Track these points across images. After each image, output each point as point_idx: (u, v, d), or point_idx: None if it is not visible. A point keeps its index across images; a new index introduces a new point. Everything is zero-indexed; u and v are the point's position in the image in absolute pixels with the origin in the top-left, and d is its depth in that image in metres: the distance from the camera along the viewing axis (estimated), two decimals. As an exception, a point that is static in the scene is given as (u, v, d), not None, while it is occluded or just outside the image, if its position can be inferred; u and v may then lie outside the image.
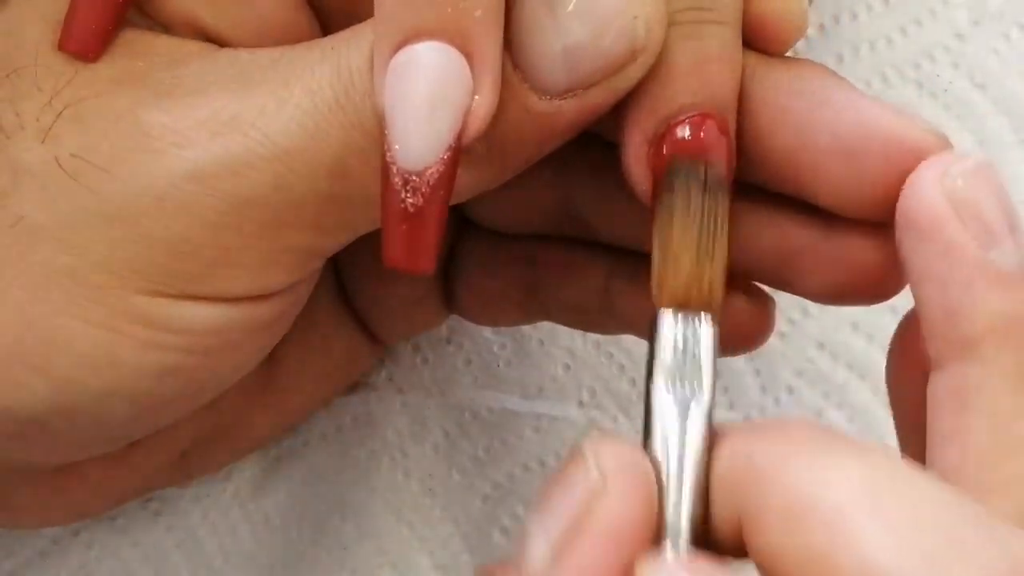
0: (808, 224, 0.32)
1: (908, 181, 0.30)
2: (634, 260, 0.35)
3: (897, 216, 0.30)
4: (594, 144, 0.33)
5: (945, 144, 0.31)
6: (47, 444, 0.32)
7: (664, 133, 0.31)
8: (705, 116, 0.30)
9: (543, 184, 0.35)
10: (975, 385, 0.29)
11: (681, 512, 0.29)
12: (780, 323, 0.34)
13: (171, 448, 0.37)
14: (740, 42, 0.31)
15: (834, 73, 0.31)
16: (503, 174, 0.31)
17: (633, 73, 0.30)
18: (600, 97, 0.30)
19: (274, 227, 0.30)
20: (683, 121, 0.31)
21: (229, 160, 0.30)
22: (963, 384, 0.29)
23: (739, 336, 0.34)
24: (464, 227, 0.37)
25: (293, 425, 0.41)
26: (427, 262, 0.30)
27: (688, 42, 0.30)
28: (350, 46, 0.30)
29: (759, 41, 0.32)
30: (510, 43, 0.30)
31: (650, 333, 0.30)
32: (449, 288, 0.38)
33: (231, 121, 0.30)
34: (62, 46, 0.31)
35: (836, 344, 0.41)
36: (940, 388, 0.30)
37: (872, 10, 0.42)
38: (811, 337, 0.41)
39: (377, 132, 0.30)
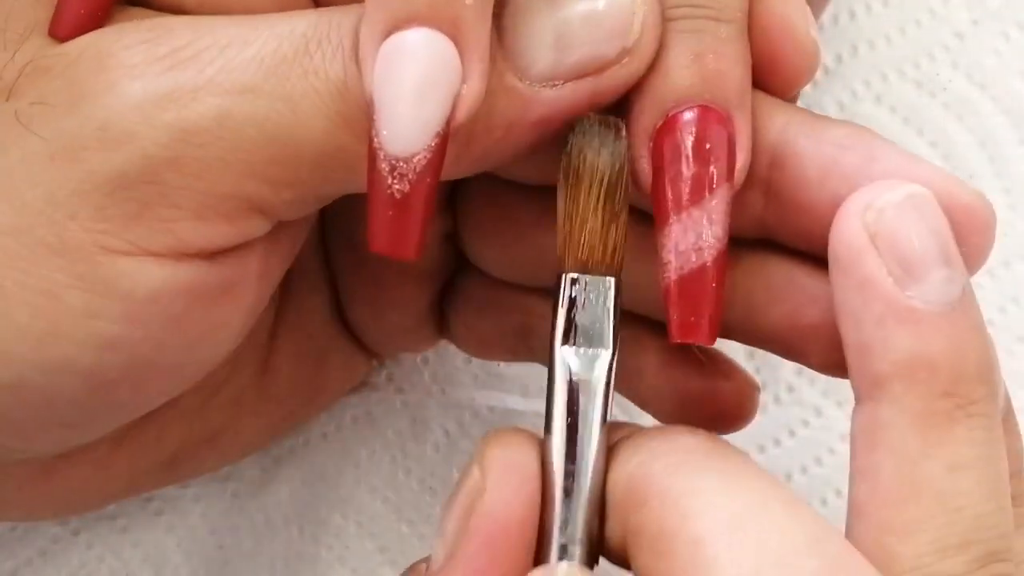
0: (822, 297, 0.32)
1: (837, 213, 0.30)
2: (631, 321, 0.34)
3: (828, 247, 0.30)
4: None
5: (988, 208, 0.31)
6: (6, 428, 0.32)
7: (663, 125, 0.31)
8: (705, 109, 0.31)
9: (551, 240, 0.34)
10: (883, 424, 0.29)
11: (577, 518, 0.29)
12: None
13: (159, 450, 0.36)
14: (744, 39, 0.31)
15: (879, 133, 0.32)
16: (464, 158, 0.31)
17: (618, 74, 0.30)
18: (580, 94, 0.30)
19: (217, 168, 0.30)
20: (682, 112, 0.31)
21: (174, 89, 0.30)
22: (874, 422, 0.29)
23: (722, 418, 0.34)
24: (463, 266, 0.37)
25: (285, 432, 0.41)
26: (411, 249, 0.29)
27: (684, 36, 0.31)
28: (338, 10, 0.30)
29: (768, 80, 0.32)
30: (499, 24, 0.30)
31: (555, 296, 0.31)
32: (442, 318, 0.38)
33: (190, 57, 0.30)
34: (52, 32, 0.31)
35: (836, 343, 0.41)
36: (856, 424, 0.30)
37: (872, 10, 0.42)
38: (811, 336, 0.41)
39: (343, 88, 0.29)
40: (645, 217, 0.32)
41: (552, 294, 0.31)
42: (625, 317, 0.32)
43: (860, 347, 0.29)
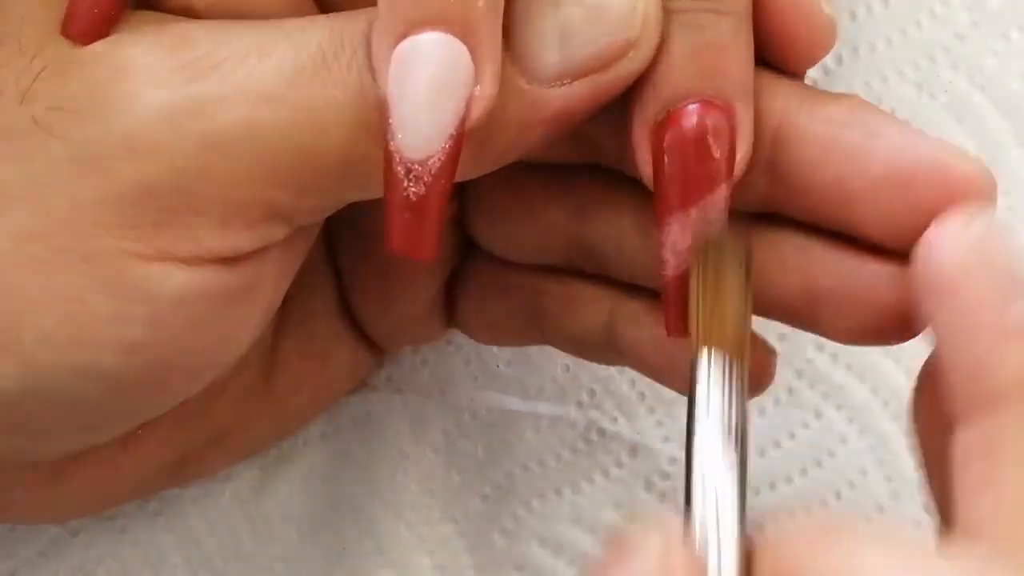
0: (836, 266, 0.32)
1: (927, 235, 0.30)
2: (640, 296, 0.35)
3: (917, 271, 0.30)
4: (614, 178, 0.34)
5: (989, 177, 0.31)
6: (27, 431, 0.32)
7: (665, 119, 0.31)
8: (708, 103, 0.31)
9: (560, 217, 0.35)
10: (1005, 437, 0.29)
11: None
12: (780, 324, 0.34)
13: (167, 451, 0.37)
14: (747, 30, 0.31)
15: (879, 108, 0.32)
16: (479, 161, 0.31)
17: (623, 68, 0.31)
18: (588, 91, 0.31)
19: (243, 176, 0.30)
20: (684, 107, 0.31)
21: (201, 100, 0.30)
22: (992, 437, 0.29)
23: None
24: (470, 250, 0.37)
25: (292, 430, 0.41)
26: (428, 250, 0.30)
27: (686, 30, 0.31)
28: (347, 18, 0.30)
29: (782, 58, 0.32)
30: (503, 28, 0.30)
31: (695, 376, 0.30)
32: (451, 306, 0.38)
33: (212, 67, 0.30)
34: (65, 31, 0.31)
35: (836, 345, 0.41)
36: (967, 442, 0.29)
37: (872, 10, 0.42)
38: (811, 337, 0.41)
39: (360, 96, 0.30)
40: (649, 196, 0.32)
41: None
42: (639, 289, 0.33)
43: (972, 366, 0.29)
